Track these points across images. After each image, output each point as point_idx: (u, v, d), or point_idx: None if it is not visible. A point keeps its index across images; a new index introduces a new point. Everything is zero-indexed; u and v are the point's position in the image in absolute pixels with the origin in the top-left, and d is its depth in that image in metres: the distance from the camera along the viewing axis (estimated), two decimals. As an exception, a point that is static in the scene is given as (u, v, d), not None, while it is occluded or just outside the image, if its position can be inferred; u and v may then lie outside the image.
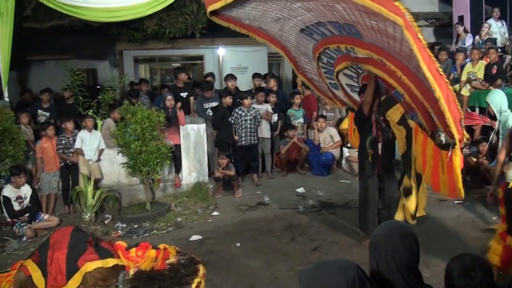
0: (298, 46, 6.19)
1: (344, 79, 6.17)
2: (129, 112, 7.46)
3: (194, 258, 5.49)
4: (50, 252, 4.94)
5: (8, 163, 7.34)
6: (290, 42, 6.22)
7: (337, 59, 5.81)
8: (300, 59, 6.57)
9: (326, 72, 6.25)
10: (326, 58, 5.94)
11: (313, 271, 1.99)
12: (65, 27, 11.18)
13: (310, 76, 6.84)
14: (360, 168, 6.06)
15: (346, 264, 1.97)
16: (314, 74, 6.69)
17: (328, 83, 6.48)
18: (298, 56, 6.51)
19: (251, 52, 15.87)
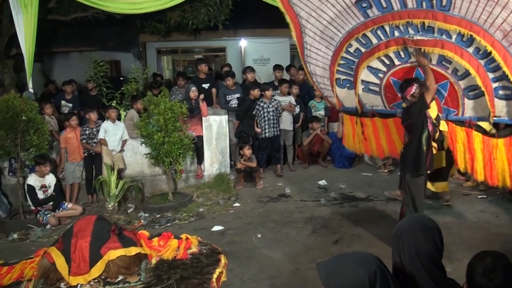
0: (326, 28, 5.68)
1: (364, 74, 5.84)
2: (152, 103, 7.51)
3: (215, 248, 5.55)
4: (73, 240, 5.03)
5: (32, 152, 7.45)
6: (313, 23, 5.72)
7: (377, 46, 5.46)
8: (312, 45, 5.98)
9: (344, 64, 5.91)
10: (358, 44, 5.61)
11: (333, 263, 1.96)
12: (89, 19, 11.26)
13: (313, 68, 6.26)
14: (414, 168, 5.38)
15: (366, 256, 1.94)
16: (320, 67, 6.18)
17: (336, 79, 6.09)
18: (312, 41, 5.94)
19: (274, 43, 15.81)
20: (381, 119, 6.17)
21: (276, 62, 11.16)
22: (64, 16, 10.89)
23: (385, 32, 5.32)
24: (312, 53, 6.05)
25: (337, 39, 5.74)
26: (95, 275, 4.84)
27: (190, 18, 10.79)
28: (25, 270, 5.22)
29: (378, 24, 5.27)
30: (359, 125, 6.31)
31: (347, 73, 5.99)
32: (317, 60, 6.10)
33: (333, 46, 5.83)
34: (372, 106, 6.17)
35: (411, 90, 5.22)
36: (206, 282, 4.71)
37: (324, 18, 5.58)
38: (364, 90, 6.03)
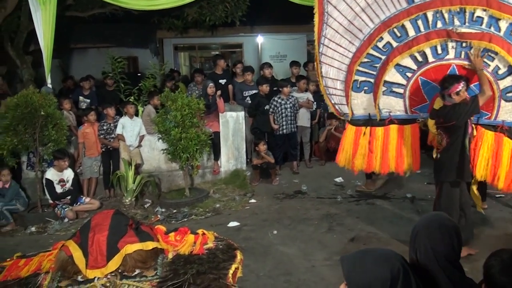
0: (357, 16, 5.33)
1: (390, 73, 5.38)
2: (170, 99, 7.53)
3: (231, 244, 5.56)
4: (91, 233, 5.08)
5: (50, 147, 7.51)
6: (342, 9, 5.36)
7: (414, 39, 5.10)
8: (332, 40, 5.55)
9: (367, 63, 5.46)
10: (391, 37, 5.25)
11: (356, 258, 1.96)
12: (107, 16, 11.36)
13: (325, 69, 5.75)
14: (458, 174, 5.00)
15: (390, 254, 1.94)
16: (335, 67, 5.70)
17: (353, 81, 5.64)
18: (333, 35, 5.52)
19: (290, 40, 15.80)
20: (397, 126, 5.64)
21: (292, 59, 11.15)
22: (82, 12, 10.99)
23: (426, 22, 5.01)
24: (329, 50, 5.61)
25: (367, 31, 5.36)
26: (112, 268, 4.88)
27: (208, 14, 10.82)
28: (43, 263, 5.28)
29: (424, 11, 4.94)
30: (367, 137, 5.75)
31: (368, 74, 5.54)
32: (333, 58, 5.65)
33: (359, 41, 5.44)
34: (390, 112, 5.63)
35: (458, 87, 4.75)
36: (222, 277, 4.72)
37: (359, 3, 5.25)
38: (384, 93, 5.53)
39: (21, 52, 10.71)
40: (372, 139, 5.70)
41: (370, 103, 5.62)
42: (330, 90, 5.82)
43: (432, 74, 5.23)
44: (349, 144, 5.84)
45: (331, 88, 5.80)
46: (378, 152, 5.70)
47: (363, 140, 5.76)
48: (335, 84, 5.75)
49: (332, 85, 5.77)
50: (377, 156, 5.70)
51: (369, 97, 5.61)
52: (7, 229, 7.10)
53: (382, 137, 5.68)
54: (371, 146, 5.69)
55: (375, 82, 5.49)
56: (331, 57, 5.63)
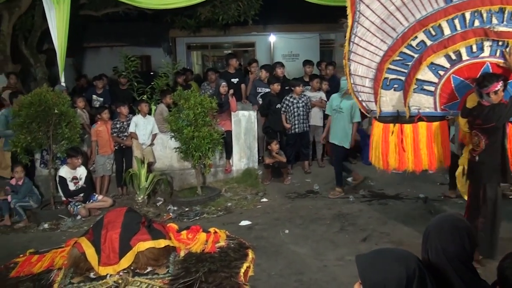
0: (391, 15, 5.24)
1: (423, 72, 5.27)
2: (183, 98, 7.55)
3: (243, 243, 5.57)
4: (104, 231, 5.11)
5: (64, 145, 7.56)
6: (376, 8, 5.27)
7: (450, 38, 4.98)
8: (362, 38, 5.48)
9: (399, 61, 5.37)
10: (425, 36, 5.14)
11: (372, 257, 1.94)
12: (120, 15, 11.41)
13: (354, 67, 5.69)
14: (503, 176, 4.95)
15: (406, 255, 1.92)
16: (364, 65, 5.62)
17: (384, 78, 5.55)
18: (364, 33, 5.45)
19: (303, 39, 15.76)
20: (425, 123, 5.55)
21: (305, 58, 11.11)
22: (95, 11, 11.06)
23: (463, 21, 4.89)
24: (359, 48, 5.53)
25: (400, 30, 5.26)
26: (125, 265, 4.91)
27: (220, 13, 10.83)
28: (56, 259, 5.33)
29: (462, 11, 4.82)
30: (396, 134, 5.67)
31: (399, 72, 5.46)
32: (363, 57, 5.56)
33: (391, 39, 5.35)
34: (419, 109, 5.54)
35: (497, 86, 4.63)
36: (233, 276, 4.73)
37: (394, 2, 5.15)
38: (415, 91, 5.44)
39: (35, 51, 10.80)
40: (402, 137, 5.63)
41: (399, 100, 5.57)
42: (358, 87, 5.75)
43: (465, 72, 5.16)
44: (378, 142, 5.76)
45: (359, 85, 5.73)
46: (409, 150, 5.64)
47: (392, 138, 5.68)
48: (363, 81, 5.70)
49: (361, 82, 5.71)
50: (409, 154, 5.64)
51: (399, 95, 5.56)
52: (20, 225, 7.17)
53: (411, 134, 5.62)
54: (403, 144, 5.62)
55: (406, 80, 5.41)
56: (361, 55, 5.56)
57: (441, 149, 5.56)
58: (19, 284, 4.91)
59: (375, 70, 5.54)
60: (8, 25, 10.12)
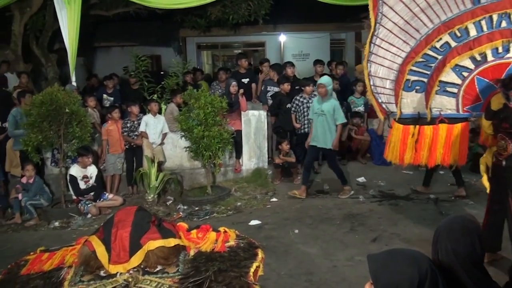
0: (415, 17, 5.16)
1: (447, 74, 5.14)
2: (193, 97, 7.57)
3: (253, 243, 5.56)
4: (114, 229, 5.12)
5: (75, 144, 7.60)
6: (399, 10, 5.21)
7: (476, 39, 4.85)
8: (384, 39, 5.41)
9: (422, 63, 5.28)
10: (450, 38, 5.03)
11: (384, 257, 1.94)
12: (131, 14, 11.45)
13: (374, 69, 5.64)
14: None
15: (418, 255, 1.92)
16: (385, 66, 5.56)
17: (406, 80, 5.44)
18: (386, 34, 5.38)
19: (313, 38, 15.74)
20: (446, 125, 5.42)
21: (315, 57, 11.10)
22: (106, 11, 11.11)
23: (490, 22, 4.78)
24: (381, 49, 5.47)
25: (424, 31, 5.19)
26: (135, 264, 4.92)
27: (231, 13, 10.83)
28: (66, 257, 5.35)
29: (490, 13, 4.71)
30: (415, 136, 5.57)
31: (421, 73, 5.37)
32: (384, 58, 5.49)
33: (414, 41, 5.28)
34: (441, 111, 5.42)
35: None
36: (243, 275, 4.71)
37: (419, 4, 5.08)
38: (438, 92, 5.32)
39: (46, 50, 10.87)
40: (421, 138, 5.55)
41: (421, 102, 5.48)
42: (377, 89, 5.68)
43: (489, 73, 5.03)
44: (396, 142, 5.71)
45: (379, 87, 5.67)
46: (425, 149, 5.57)
47: (411, 141, 5.61)
48: (384, 83, 5.65)
49: (381, 84, 5.65)
50: (424, 152, 5.58)
51: (420, 96, 5.47)
52: (31, 223, 7.23)
53: (431, 135, 5.53)
54: (418, 145, 5.56)
55: (428, 82, 5.32)
56: (382, 56, 5.50)
57: (458, 149, 5.44)
58: (29, 281, 4.92)
59: (396, 71, 5.48)
60: (20, 25, 10.19)
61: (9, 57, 10.39)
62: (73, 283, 4.79)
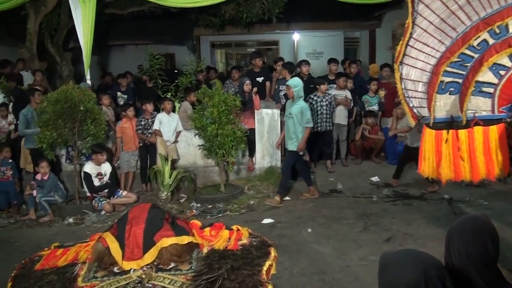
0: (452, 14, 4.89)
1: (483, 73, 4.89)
2: (207, 96, 7.58)
3: (266, 241, 5.55)
4: (128, 226, 5.15)
5: (89, 141, 7.67)
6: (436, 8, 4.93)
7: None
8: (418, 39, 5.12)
9: (457, 63, 5.00)
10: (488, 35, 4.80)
11: (396, 255, 1.94)
12: (145, 13, 11.50)
13: (407, 71, 5.29)
14: None
15: (429, 260, 1.90)
16: (418, 68, 5.23)
17: (440, 81, 5.13)
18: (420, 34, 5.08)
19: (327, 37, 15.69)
20: (482, 128, 5.06)
21: (329, 56, 11.05)
22: (121, 10, 11.17)
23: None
24: (413, 50, 5.16)
25: (461, 29, 4.90)
26: (148, 261, 4.94)
27: (245, 11, 10.82)
28: (80, 253, 5.40)
29: None
30: (450, 143, 5.17)
31: (456, 74, 5.06)
32: (417, 59, 5.17)
33: (450, 40, 4.97)
34: (475, 112, 5.08)
35: None
36: (256, 273, 4.71)
37: (457, 1, 4.81)
38: (473, 93, 5.01)
39: (60, 49, 10.96)
40: (456, 143, 5.15)
41: (454, 104, 5.13)
42: (409, 92, 5.34)
43: None
44: (430, 151, 5.30)
45: (411, 90, 5.32)
46: (465, 158, 5.15)
47: (446, 147, 5.18)
48: (416, 86, 5.30)
49: (412, 87, 5.31)
50: (466, 163, 5.15)
51: (454, 98, 5.13)
52: (45, 219, 7.30)
53: (467, 140, 5.13)
54: (454, 151, 5.14)
55: (463, 82, 5.00)
56: (415, 57, 5.19)
57: (500, 155, 5.11)
58: (43, 276, 4.97)
59: (429, 73, 5.17)
60: (35, 24, 10.27)
61: (24, 56, 10.49)
62: (86, 279, 4.82)
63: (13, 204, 7.81)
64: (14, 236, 6.65)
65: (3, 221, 7.42)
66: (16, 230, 7.06)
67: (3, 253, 5.99)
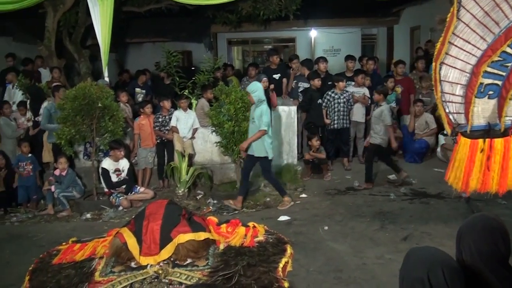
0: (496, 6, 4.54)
1: None
2: (224, 93, 7.59)
3: (282, 238, 5.55)
4: (145, 222, 5.18)
5: (107, 138, 7.72)
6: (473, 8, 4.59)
7: None
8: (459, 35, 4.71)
9: (498, 62, 4.63)
10: None
11: (414, 251, 1.98)
12: (162, 11, 11.54)
13: (445, 71, 4.86)
14: None
15: (439, 258, 1.91)
16: (458, 68, 4.82)
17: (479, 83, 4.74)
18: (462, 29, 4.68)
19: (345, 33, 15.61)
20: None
21: (346, 53, 10.99)
22: (138, 7, 11.23)
23: None
24: (454, 48, 4.74)
25: (504, 24, 4.54)
26: (165, 256, 4.97)
27: (262, 8, 10.82)
28: (98, 248, 5.44)
29: None
30: (485, 153, 4.79)
31: (496, 75, 4.69)
32: (457, 58, 4.77)
33: (492, 36, 4.60)
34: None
35: None
36: (272, 270, 4.71)
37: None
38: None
39: (78, 46, 11.05)
40: (491, 153, 4.80)
41: (493, 110, 4.77)
42: (446, 96, 4.91)
43: None
44: (462, 160, 4.96)
45: (448, 94, 4.91)
46: (496, 169, 4.81)
47: (480, 157, 4.84)
48: (453, 89, 4.89)
49: (450, 90, 4.91)
50: (495, 174, 4.82)
51: (493, 103, 4.76)
52: (63, 214, 7.38)
53: (502, 150, 4.79)
54: (489, 162, 4.80)
55: (503, 84, 4.63)
56: (454, 56, 4.78)
57: None
58: (61, 270, 5.03)
59: (469, 74, 4.79)
60: (53, 21, 10.36)
61: (43, 53, 10.60)
62: (104, 274, 4.86)
63: (32, 199, 7.91)
64: (32, 231, 6.73)
65: (21, 216, 7.52)
66: (35, 224, 7.16)
67: (22, 247, 6.07)
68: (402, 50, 14.76)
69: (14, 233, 6.70)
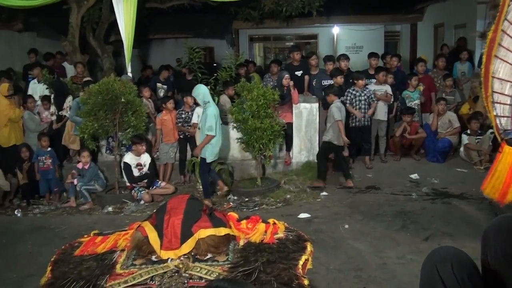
0: None
1: None
2: (246, 89, 7.60)
3: (302, 236, 5.53)
4: (166, 216, 5.22)
5: (129, 132, 7.79)
6: None
7: None
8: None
9: None
10: None
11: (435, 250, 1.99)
12: (185, 7, 11.59)
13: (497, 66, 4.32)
14: None
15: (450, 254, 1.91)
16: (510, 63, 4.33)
17: None
18: None
19: (367, 30, 15.49)
20: None
21: (369, 50, 10.88)
22: (161, 4, 11.30)
23: None
24: (508, 38, 4.17)
25: None
26: (185, 251, 5.00)
27: (284, 5, 10.77)
28: (119, 241, 5.50)
29: None
30: None
31: None
32: (508, 50, 4.21)
33: None
34: None
35: None
36: (292, 267, 4.70)
37: None
38: None
39: (102, 42, 11.18)
40: None
41: None
42: (495, 96, 4.40)
43: None
44: (504, 171, 4.56)
45: (497, 93, 4.40)
46: None
47: None
48: (503, 87, 4.39)
49: (499, 88, 4.39)
50: None
51: None
52: (85, 207, 7.49)
53: None
54: None
55: None
56: (506, 47, 4.22)
57: None
58: (83, 262, 5.10)
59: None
60: (77, 18, 10.48)
61: (67, 49, 10.73)
62: (125, 266, 4.91)
63: (53, 191, 8.03)
64: (54, 222, 6.84)
65: (44, 208, 7.67)
66: (57, 216, 7.28)
67: (44, 238, 6.17)
68: (426, 47, 14.58)
69: (37, 225, 6.81)
